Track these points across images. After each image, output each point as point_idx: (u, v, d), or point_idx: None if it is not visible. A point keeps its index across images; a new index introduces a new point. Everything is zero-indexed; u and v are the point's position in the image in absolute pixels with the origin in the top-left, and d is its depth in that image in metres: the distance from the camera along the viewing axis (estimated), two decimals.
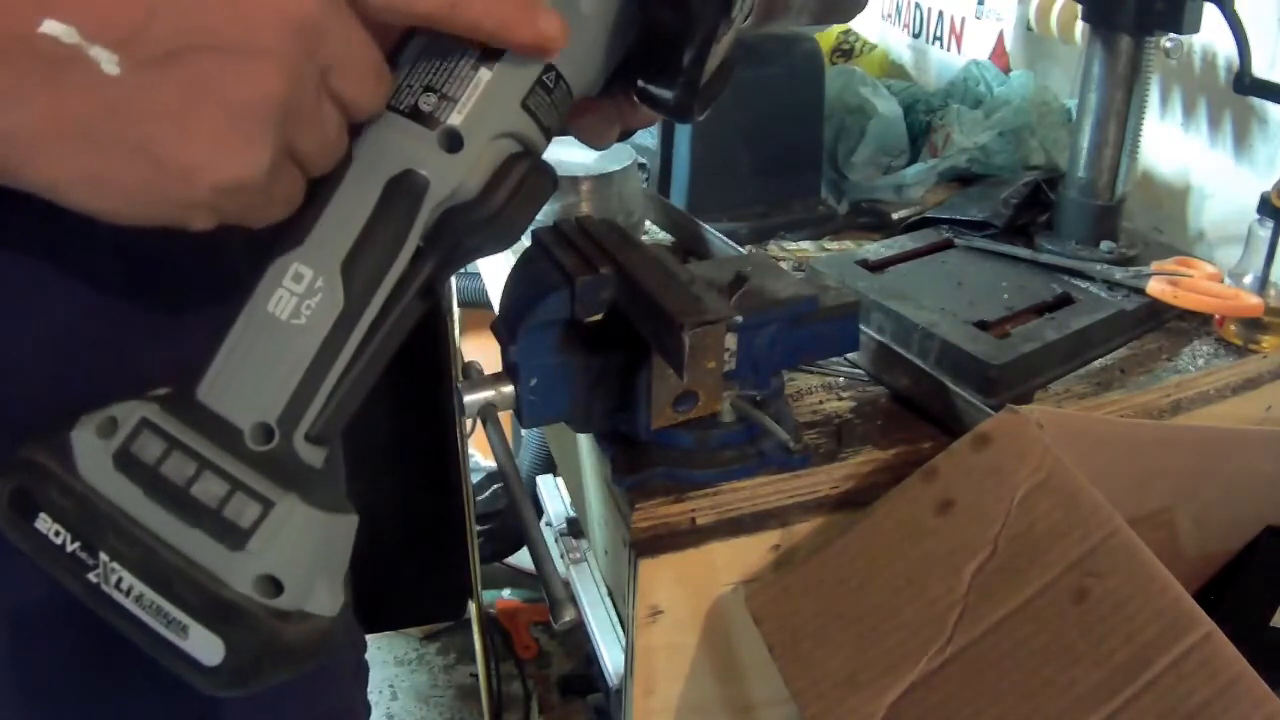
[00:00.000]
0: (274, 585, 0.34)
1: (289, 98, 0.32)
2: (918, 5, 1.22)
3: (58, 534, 0.34)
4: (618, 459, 0.59)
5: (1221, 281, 0.74)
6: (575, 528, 1.04)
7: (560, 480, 1.12)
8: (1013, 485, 0.54)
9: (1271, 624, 0.71)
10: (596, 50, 0.40)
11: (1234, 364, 0.72)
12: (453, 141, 0.36)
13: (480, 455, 1.74)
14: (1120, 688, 0.47)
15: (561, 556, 1.00)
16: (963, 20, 1.16)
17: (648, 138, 0.96)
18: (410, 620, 1.60)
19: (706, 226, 0.85)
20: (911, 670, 0.51)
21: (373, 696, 1.59)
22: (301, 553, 0.35)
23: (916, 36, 1.24)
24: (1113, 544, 0.51)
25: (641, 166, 0.95)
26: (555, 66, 0.38)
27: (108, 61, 0.28)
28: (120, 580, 0.34)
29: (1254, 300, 0.70)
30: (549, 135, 0.40)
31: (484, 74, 0.36)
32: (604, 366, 0.55)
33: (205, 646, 0.34)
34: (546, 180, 0.39)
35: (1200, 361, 0.72)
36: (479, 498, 1.68)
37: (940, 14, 1.19)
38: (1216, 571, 0.72)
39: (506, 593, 1.72)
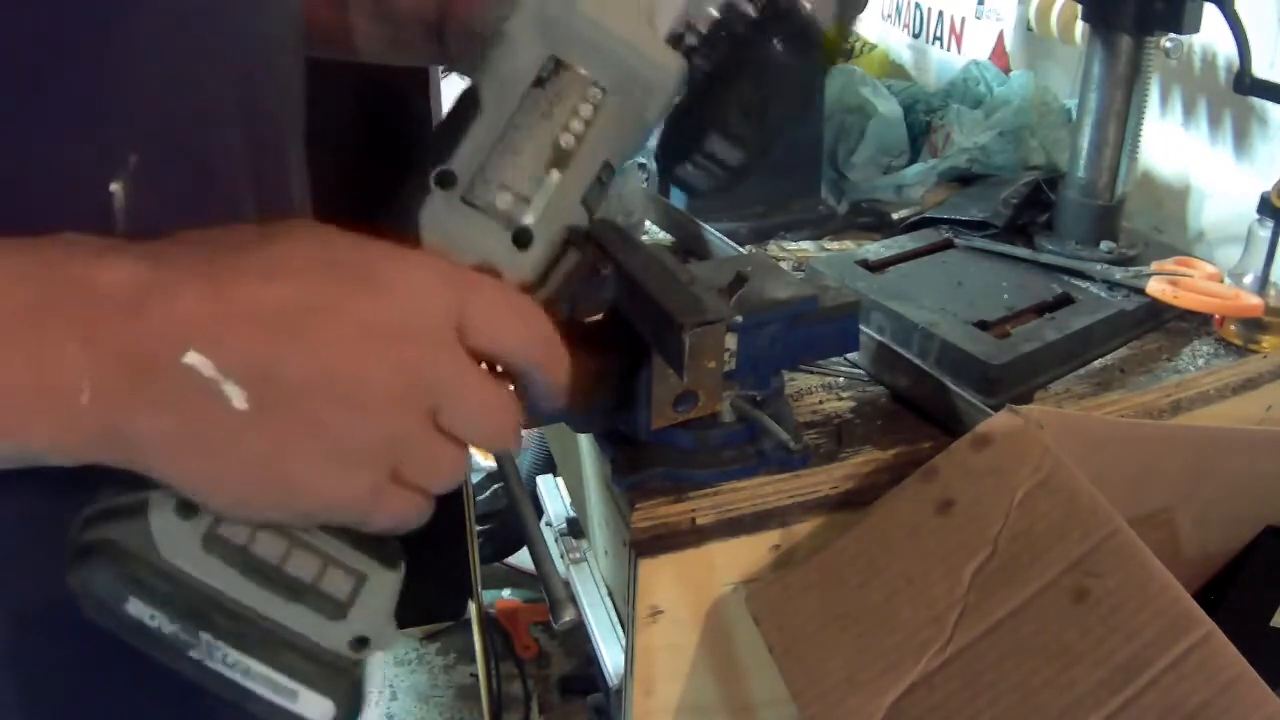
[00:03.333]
0: (365, 642, 0.37)
1: (391, 440, 0.34)
2: (918, 5, 1.22)
3: (153, 618, 0.34)
4: (618, 459, 0.59)
5: (1221, 281, 0.74)
6: (575, 528, 1.04)
7: (560, 480, 1.12)
8: (1013, 485, 0.54)
9: (1271, 624, 0.71)
10: (642, 142, 0.43)
11: (1234, 364, 0.72)
12: (525, 239, 0.39)
13: (480, 455, 1.73)
14: (1120, 688, 0.47)
15: (561, 556, 1.00)
16: (963, 20, 1.16)
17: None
18: (410, 620, 1.60)
19: (706, 226, 0.85)
20: (911, 670, 0.51)
21: (372, 696, 1.60)
22: (388, 611, 0.38)
23: (916, 36, 1.24)
24: (1113, 544, 0.51)
25: (641, 166, 0.95)
26: (610, 162, 0.40)
27: (237, 397, 0.31)
28: (226, 656, 0.35)
29: (1254, 300, 0.70)
30: (593, 216, 0.42)
31: (555, 176, 0.39)
32: (604, 366, 0.55)
33: (316, 707, 0.36)
34: (587, 266, 0.42)
35: (1200, 361, 0.72)
36: (479, 498, 1.68)
37: (940, 14, 1.19)
38: (1216, 571, 0.72)
39: (506, 593, 1.72)
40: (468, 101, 0.39)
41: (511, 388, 0.37)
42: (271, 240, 0.33)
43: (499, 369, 0.37)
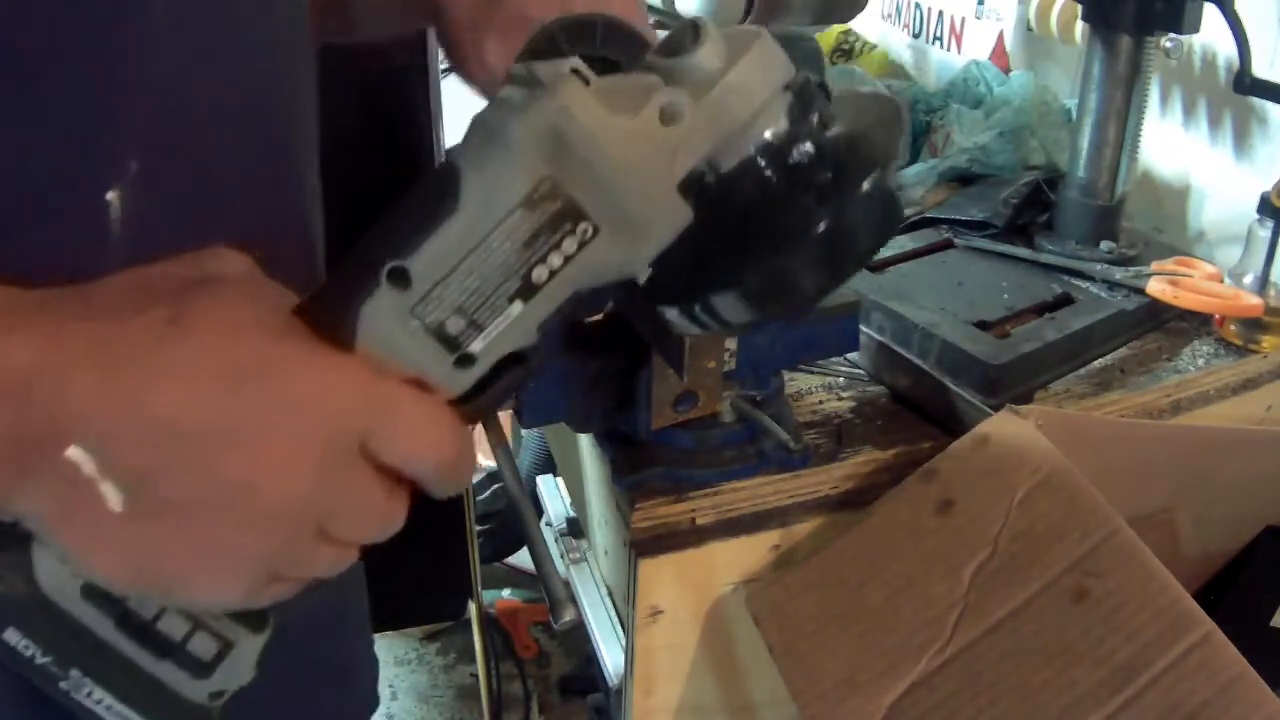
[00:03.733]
0: (223, 694, 0.39)
1: (269, 555, 0.34)
2: (918, 5, 1.22)
3: (28, 647, 0.35)
4: (618, 459, 0.59)
5: (1221, 281, 0.74)
6: (575, 528, 1.04)
7: (560, 480, 1.12)
8: (1013, 485, 0.54)
9: (1271, 624, 0.71)
10: (618, 280, 0.39)
11: (1234, 364, 0.72)
12: (467, 363, 0.36)
13: (480, 455, 1.73)
14: (1120, 688, 0.47)
15: (561, 556, 1.00)
16: (963, 20, 1.16)
17: None
18: (410, 620, 1.60)
19: None
20: (911, 670, 0.51)
21: None
22: (250, 669, 0.39)
23: (916, 36, 1.24)
24: (1113, 544, 0.51)
25: None
26: (579, 293, 0.37)
27: (114, 499, 0.31)
28: (92, 693, 0.36)
29: (1254, 300, 0.70)
30: (544, 333, 0.39)
31: (517, 307, 0.36)
32: (604, 366, 0.55)
33: None
34: (527, 377, 0.39)
35: (1200, 361, 0.72)
36: (479, 498, 1.68)
37: (940, 14, 1.19)
38: (1216, 571, 0.72)
39: (506, 593, 1.72)
40: (444, 186, 0.35)
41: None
42: (176, 330, 0.31)
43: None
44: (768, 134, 0.38)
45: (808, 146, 0.38)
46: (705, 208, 0.37)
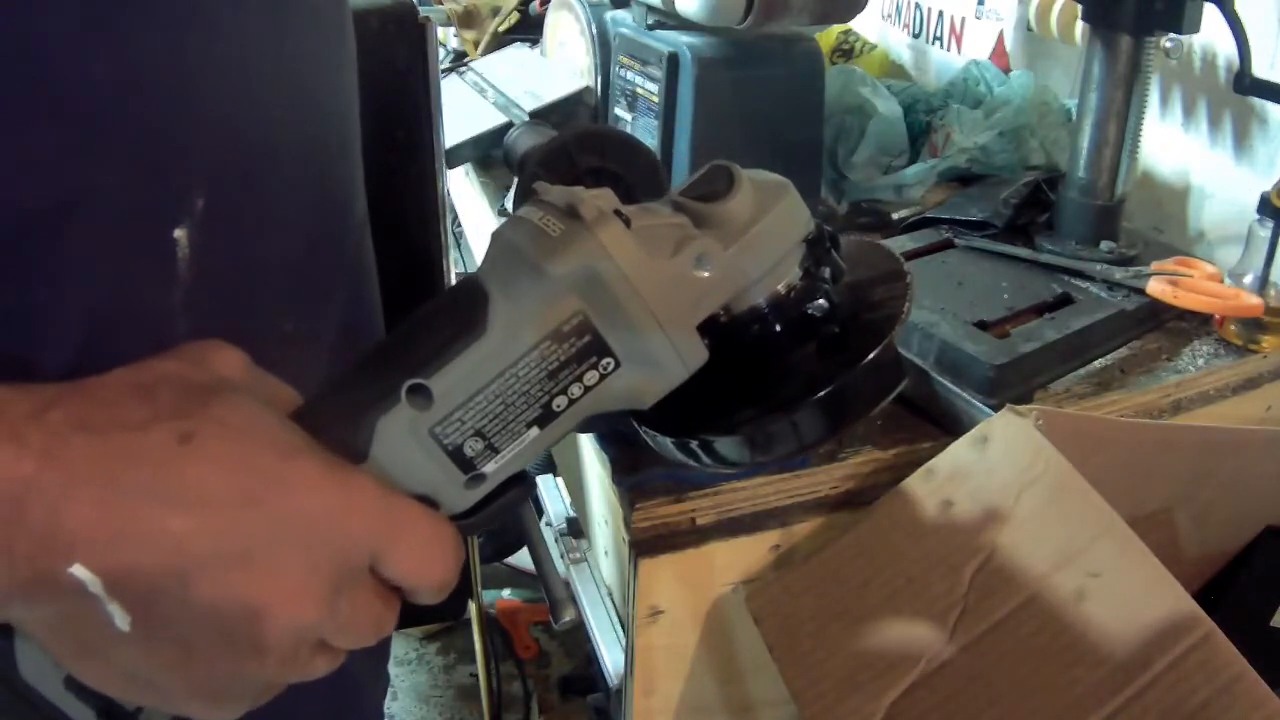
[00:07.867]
0: None
1: (271, 681, 0.34)
2: (918, 5, 1.22)
3: None
4: (618, 459, 0.59)
5: (1221, 281, 0.74)
6: (575, 528, 1.04)
7: (560, 480, 1.12)
8: (1013, 485, 0.54)
9: (1271, 624, 0.71)
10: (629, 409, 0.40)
11: (1234, 364, 0.72)
12: (477, 482, 0.37)
13: None
14: (1120, 688, 0.47)
15: (561, 556, 1.00)
16: (963, 20, 1.16)
17: (647, 138, 0.96)
18: (410, 620, 1.60)
19: None
20: (911, 670, 0.51)
21: None
22: None
23: (916, 36, 1.24)
24: (1113, 544, 0.51)
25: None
26: (589, 417, 0.38)
27: (120, 619, 0.30)
28: None
29: (1254, 300, 0.70)
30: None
31: (534, 432, 0.36)
32: None
33: None
34: (527, 495, 0.40)
35: (1200, 361, 0.72)
36: None
37: (940, 14, 1.19)
38: (1216, 571, 0.72)
39: (506, 593, 1.72)
40: (471, 309, 0.35)
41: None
42: (188, 450, 0.30)
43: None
44: (780, 285, 0.39)
45: (820, 301, 0.39)
46: (715, 347, 0.38)
